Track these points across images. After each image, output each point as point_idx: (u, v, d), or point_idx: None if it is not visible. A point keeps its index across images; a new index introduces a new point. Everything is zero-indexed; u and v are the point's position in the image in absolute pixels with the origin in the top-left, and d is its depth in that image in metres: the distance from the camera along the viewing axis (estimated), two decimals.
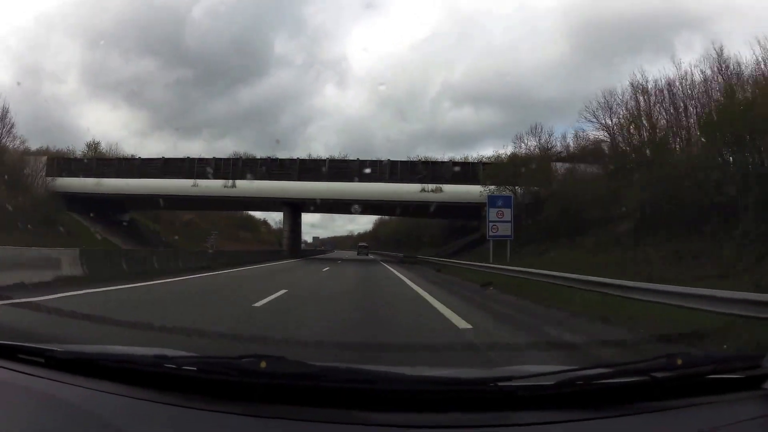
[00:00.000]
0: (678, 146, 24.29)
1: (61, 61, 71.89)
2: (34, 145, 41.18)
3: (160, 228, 50.28)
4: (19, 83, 55.55)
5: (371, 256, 55.32)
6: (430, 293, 11.98)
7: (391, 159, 39.97)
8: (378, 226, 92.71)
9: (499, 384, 1.48)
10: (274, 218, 68.38)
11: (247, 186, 37.98)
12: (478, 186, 32.38)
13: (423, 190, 36.85)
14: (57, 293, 8.57)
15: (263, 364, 1.50)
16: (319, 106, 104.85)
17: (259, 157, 42.08)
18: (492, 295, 11.86)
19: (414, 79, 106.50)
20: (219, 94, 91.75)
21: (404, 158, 41.66)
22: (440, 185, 36.75)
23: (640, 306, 7.54)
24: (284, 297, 10.46)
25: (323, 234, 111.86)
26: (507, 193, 29.41)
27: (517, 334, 6.75)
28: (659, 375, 1.49)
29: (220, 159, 41.55)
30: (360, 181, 37.06)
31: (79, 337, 4.97)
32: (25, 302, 7.14)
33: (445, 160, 41.13)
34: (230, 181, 38.65)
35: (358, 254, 61.24)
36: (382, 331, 6.81)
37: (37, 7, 79.77)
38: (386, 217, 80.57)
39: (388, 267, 27.96)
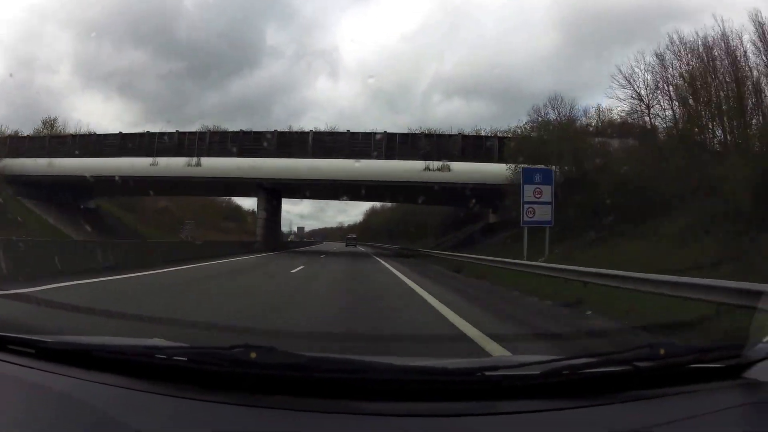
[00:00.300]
0: None
1: (53, 52, 70.83)
2: None
3: (132, 218, 44.81)
4: (11, 75, 54.24)
5: (362, 249, 52.28)
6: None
7: (389, 131, 33.09)
8: (369, 216, 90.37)
9: (486, 373, 1.51)
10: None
11: (213, 165, 31.68)
12: (494, 164, 27.93)
13: (427, 168, 30.24)
14: None
15: (253, 355, 1.51)
16: (310, 98, 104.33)
17: (230, 130, 35.62)
18: None
19: (405, 71, 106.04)
20: (211, 86, 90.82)
21: (404, 131, 35.10)
22: (447, 162, 30.11)
23: None
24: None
25: (315, 225, 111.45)
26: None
27: None
28: (642, 364, 1.52)
29: (184, 132, 34.27)
30: (351, 158, 30.77)
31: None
32: (13, 294, 7.09)
33: (453, 133, 33.74)
34: (194, 159, 31.90)
35: (346, 246, 61.69)
36: None
37: None
38: (377, 205, 78.04)
39: (385, 264, 22.10)
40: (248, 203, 66.22)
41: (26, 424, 1.37)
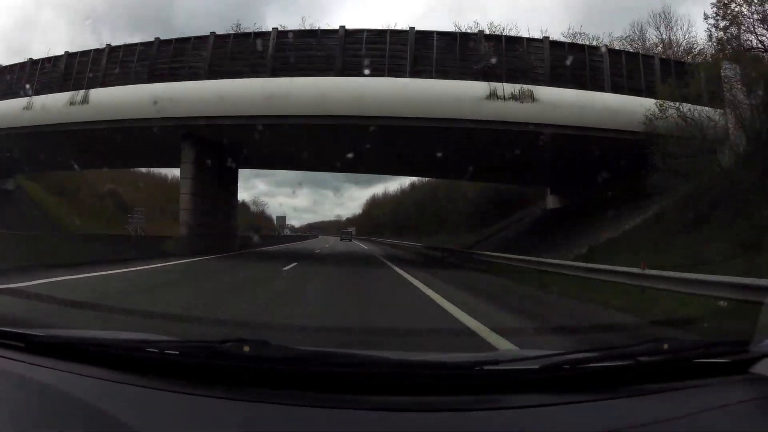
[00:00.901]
0: None
1: (48, 40, 69.15)
2: None
3: (61, 203, 34.78)
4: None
5: (364, 246, 41.83)
6: None
7: (419, 29, 17.84)
8: (370, 206, 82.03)
9: (485, 368, 1.50)
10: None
11: (108, 99, 18.40)
12: (610, 95, 16.76)
13: (493, 95, 16.44)
14: None
15: (246, 348, 1.50)
16: None
17: (139, 42, 20.30)
18: None
19: None
20: None
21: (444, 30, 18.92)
22: (529, 87, 16.60)
23: None
24: None
25: (312, 219, 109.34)
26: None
27: None
28: (645, 359, 1.51)
29: (74, 54, 20.36)
30: (351, 75, 17.14)
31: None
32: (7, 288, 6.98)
33: (535, 38, 18.50)
34: (80, 93, 18.81)
35: (341, 239, 60.84)
36: None
37: None
38: (378, 194, 73.67)
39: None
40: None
41: (17, 418, 1.35)
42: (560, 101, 16.52)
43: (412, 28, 17.84)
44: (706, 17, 18.43)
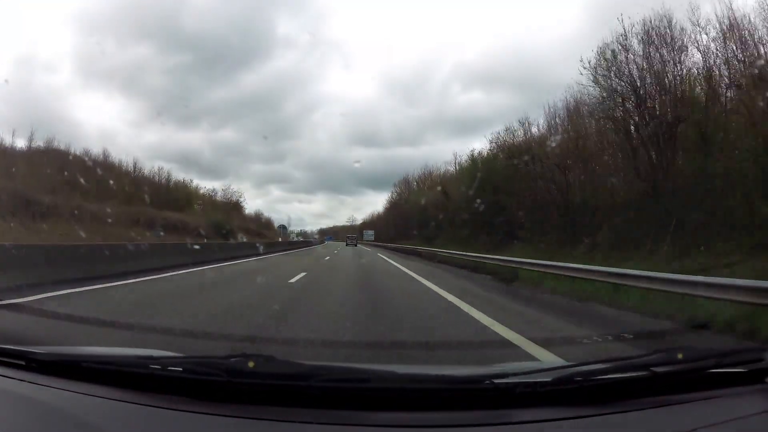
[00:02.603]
0: None
1: (53, 50, 69.26)
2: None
3: None
4: (6, 81, 52.49)
5: (395, 263, 21.92)
6: None
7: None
8: (399, 200, 61.73)
9: (495, 381, 1.46)
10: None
11: None
12: None
13: None
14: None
15: (251, 364, 1.48)
16: (322, 91, 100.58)
17: None
18: None
19: (422, 61, 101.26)
20: (219, 80, 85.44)
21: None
22: None
23: None
24: None
25: (327, 224, 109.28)
26: None
27: None
28: (659, 370, 1.47)
29: None
30: None
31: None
32: (8, 304, 6.97)
33: None
34: None
35: (346, 245, 59.61)
36: None
37: None
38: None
39: None
40: None
41: None
42: None
43: None
44: None
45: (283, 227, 70.28)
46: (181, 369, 1.53)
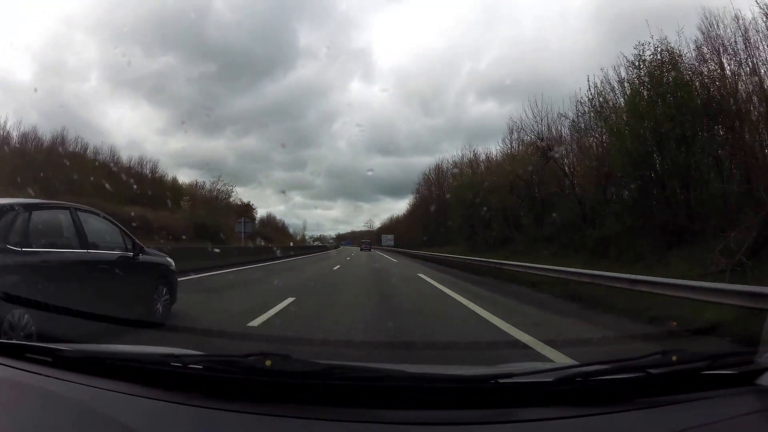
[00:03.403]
0: None
1: (81, 59, 69.30)
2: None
3: None
4: (35, 89, 51.95)
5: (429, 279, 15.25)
6: None
7: None
8: (422, 201, 51.92)
9: (500, 381, 1.52)
10: None
11: None
12: None
13: None
14: None
15: (269, 363, 1.52)
16: (342, 101, 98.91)
17: None
18: None
19: (439, 71, 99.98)
20: (243, 90, 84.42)
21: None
22: None
23: None
24: None
25: (346, 229, 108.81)
26: None
27: None
28: (655, 371, 1.52)
29: None
30: None
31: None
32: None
33: None
34: None
35: (361, 249, 59.06)
36: None
37: (57, 5, 76.48)
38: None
39: None
40: None
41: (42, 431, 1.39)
42: None
43: None
44: None
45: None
46: (201, 367, 1.58)
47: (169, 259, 7.25)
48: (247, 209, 55.29)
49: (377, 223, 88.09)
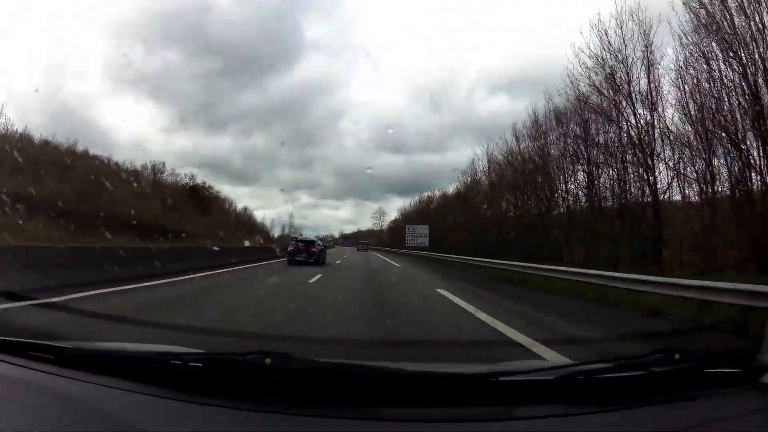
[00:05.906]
0: None
1: (82, 56, 68.64)
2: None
3: None
4: (36, 90, 51.17)
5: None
6: None
7: None
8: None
9: (501, 378, 1.52)
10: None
11: None
12: None
13: None
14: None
15: (268, 361, 1.53)
16: (349, 98, 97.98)
17: None
18: None
19: (446, 67, 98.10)
20: (247, 86, 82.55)
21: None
22: None
23: None
24: None
25: (352, 229, 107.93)
26: None
27: None
28: (657, 369, 1.52)
29: None
30: None
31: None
32: (47, 302, 7.08)
33: None
34: None
35: (357, 250, 60.31)
36: None
37: (57, 5, 75.80)
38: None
39: None
40: None
41: (45, 428, 1.40)
42: None
43: None
44: None
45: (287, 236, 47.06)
46: (201, 365, 1.58)
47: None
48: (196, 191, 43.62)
49: (385, 223, 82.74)
